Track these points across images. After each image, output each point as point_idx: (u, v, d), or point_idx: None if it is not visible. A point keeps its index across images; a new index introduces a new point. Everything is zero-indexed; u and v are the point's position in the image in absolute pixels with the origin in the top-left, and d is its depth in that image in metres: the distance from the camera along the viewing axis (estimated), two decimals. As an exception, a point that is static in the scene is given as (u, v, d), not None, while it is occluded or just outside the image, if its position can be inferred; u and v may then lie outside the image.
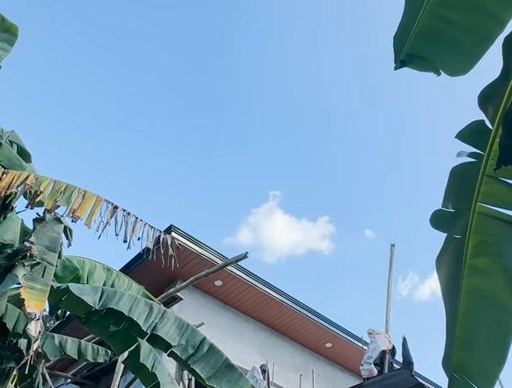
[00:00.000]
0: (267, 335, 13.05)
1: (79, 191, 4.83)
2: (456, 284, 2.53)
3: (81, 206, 4.73)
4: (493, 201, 2.47)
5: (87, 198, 4.82)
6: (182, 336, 4.98)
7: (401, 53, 2.29)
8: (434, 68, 2.30)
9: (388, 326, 9.18)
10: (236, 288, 12.07)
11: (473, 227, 2.48)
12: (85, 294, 4.85)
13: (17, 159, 5.75)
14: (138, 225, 5.06)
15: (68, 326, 10.98)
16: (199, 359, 4.90)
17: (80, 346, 6.37)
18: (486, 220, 2.47)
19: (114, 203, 5.01)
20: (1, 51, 5.49)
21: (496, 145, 2.37)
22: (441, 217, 2.65)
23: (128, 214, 5.05)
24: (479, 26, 2.20)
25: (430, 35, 2.26)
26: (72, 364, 12.59)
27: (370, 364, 8.28)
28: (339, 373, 14.44)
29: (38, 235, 4.86)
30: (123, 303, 4.93)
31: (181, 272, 10.57)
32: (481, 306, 2.48)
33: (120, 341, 5.36)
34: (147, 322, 4.90)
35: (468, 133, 2.49)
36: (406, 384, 7.43)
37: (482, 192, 2.47)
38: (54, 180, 4.84)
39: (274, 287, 12.52)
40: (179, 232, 11.00)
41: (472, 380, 2.45)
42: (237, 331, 12.31)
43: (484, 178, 2.45)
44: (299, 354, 13.59)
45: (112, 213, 4.91)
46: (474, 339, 2.50)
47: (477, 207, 2.48)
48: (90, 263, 6.03)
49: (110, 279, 6.11)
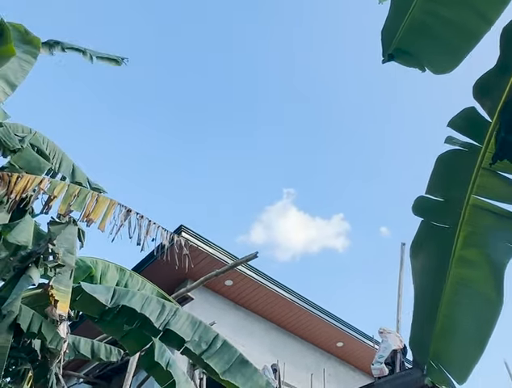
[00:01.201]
0: (278, 334, 13.06)
1: (92, 195, 4.89)
2: (439, 274, 2.53)
3: (94, 210, 4.79)
4: (487, 194, 2.46)
5: (100, 202, 4.88)
6: (195, 332, 5.01)
7: (389, 47, 2.29)
8: (419, 64, 2.31)
9: (399, 325, 9.17)
10: (246, 288, 12.09)
11: (465, 219, 2.48)
12: (97, 293, 4.91)
13: (36, 161, 5.82)
14: (151, 228, 5.10)
15: (80, 326, 11.07)
16: (213, 354, 4.91)
17: (93, 346, 6.43)
18: (479, 212, 2.47)
19: (127, 206, 5.06)
20: (25, 63, 5.57)
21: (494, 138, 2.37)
22: (425, 204, 2.63)
23: (142, 217, 5.10)
24: (467, 23, 2.21)
25: (419, 30, 2.26)
26: (84, 364, 12.69)
27: (381, 363, 8.27)
28: (350, 373, 14.41)
29: (58, 238, 4.93)
30: (135, 301, 4.98)
31: (191, 272, 10.59)
32: (467, 297, 2.49)
33: (134, 341, 5.41)
34: (159, 319, 4.93)
35: (461, 122, 2.48)
36: (417, 383, 7.41)
37: (477, 185, 2.46)
38: (68, 184, 4.90)
39: (285, 286, 12.53)
40: (190, 232, 11.05)
41: (448, 370, 2.47)
42: (248, 330, 12.34)
43: (481, 170, 2.45)
44: (310, 353, 13.59)
45: (125, 216, 4.96)
46: (455, 329, 2.51)
47: (471, 199, 2.48)
48: (103, 263, 6.09)
49: (123, 279, 6.16)
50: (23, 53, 5.63)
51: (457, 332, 2.53)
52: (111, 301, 4.92)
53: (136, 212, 5.09)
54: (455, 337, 2.53)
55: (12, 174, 5.12)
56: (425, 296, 2.61)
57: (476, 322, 2.49)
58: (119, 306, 4.95)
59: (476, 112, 2.39)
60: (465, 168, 2.48)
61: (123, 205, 5.05)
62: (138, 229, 5.00)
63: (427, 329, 2.56)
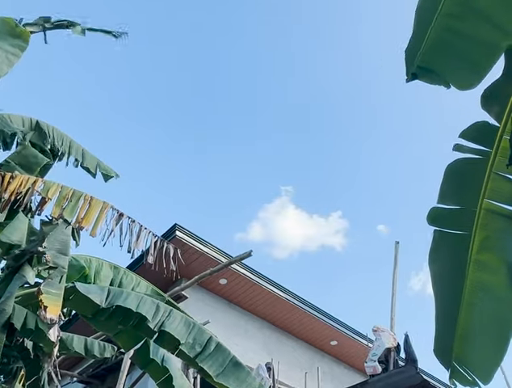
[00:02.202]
0: (272, 332, 13.09)
1: (85, 198, 4.87)
2: (457, 279, 2.55)
3: (87, 214, 4.79)
4: (500, 198, 2.49)
5: (93, 205, 4.87)
6: (190, 334, 5.01)
7: (412, 66, 2.29)
8: (443, 81, 2.30)
9: (392, 323, 9.19)
10: (240, 287, 12.10)
11: (480, 223, 2.51)
12: (91, 293, 4.89)
13: (34, 157, 5.81)
14: (142, 234, 5.12)
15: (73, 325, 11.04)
16: (207, 357, 4.93)
17: (86, 343, 6.42)
18: (493, 216, 2.50)
19: (119, 210, 5.06)
20: (11, 56, 5.55)
21: (504, 143, 2.39)
22: (438, 214, 2.66)
23: (133, 222, 5.11)
24: (487, 37, 2.19)
25: (440, 48, 2.26)
26: (78, 363, 12.65)
27: (374, 361, 8.29)
28: (344, 371, 14.46)
29: (50, 239, 4.91)
30: (130, 302, 4.97)
31: (186, 270, 10.60)
32: (485, 300, 2.52)
33: (128, 338, 5.40)
34: (154, 320, 4.93)
35: (473, 132, 2.50)
36: (411, 381, 7.45)
37: (490, 189, 2.49)
38: (61, 186, 4.88)
39: (279, 285, 12.55)
40: (184, 231, 11.04)
41: (472, 371, 2.50)
42: (242, 329, 12.35)
43: (492, 175, 2.47)
44: (304, 352, 13.62)
45: (117, 221, 4.96)
46: (476, 331, 2.55)
47: (484, 203, 2.50)
48: (97, 261, 6.07)
49: (117, 277, 6.15)
50: (11, 46, 5.62)
51: (478, 334, 2.56)
52: (105, 301, 4.91)
53: (128, 217, 5.10)
54: (477, 339, 2.57)
55: (5, 173, 5.10)
56: (445, 302, 2.64)
57: (497, 324, 2.52)
58: (113, 306, 4.94)
59: (487, 123, 2.42)
60: (476, 174, 2.51)
61: (116, 209, 5.05)
62: (129, 235, 5.01)
63: (449, 333, 2.59)
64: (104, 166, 7.02)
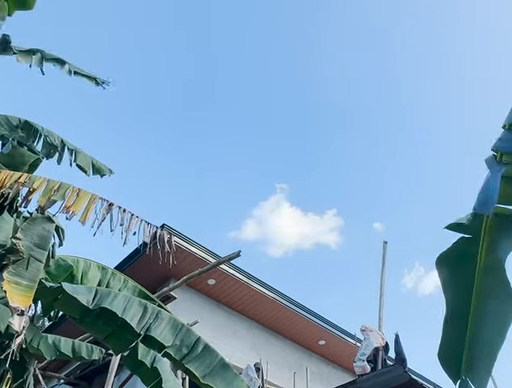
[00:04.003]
0: (261, 333, 13.08)
1: (73, 190, 4.80)
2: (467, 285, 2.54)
3: (75, 203, 4.70)
4: (506, 200, 2.48)
5: (81, 196, 4.79)
6: (177, 336, 4.97)
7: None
8: None
9: (381, 322, 9.23)
10: (229, 287, 12.08)
11: (488, 226, 2.50)
12: (79, 294, 4.84)
13: (20, 156, 5.73)
14: (134, 222, 5.03)
15: (60, 327, 10.93)
16: (194, 358, 4.90)
17: (74, 345, 6.35)
18: (500, 219, 2.49)
19: (109, 200, 4.98)
20: None
21: None
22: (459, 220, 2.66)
23: (124, 211, 5.02)
24: None
25: None
26: (65, 365, 12.53)
27: (363, 361, 8.32)
28: (333, 371, 14.50)
29: (26, 232, 4.81)
30: (117, 304, 4.91)
31: (174, 270, 10.55)
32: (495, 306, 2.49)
33: (117, 340, 5.34)
34: (140, 324, 4.88)
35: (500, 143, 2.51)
36: (399, 380, 7.48)
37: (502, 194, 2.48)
38: (48, 179, 4.81)
39: (268, 285, 12.55)
40: (172, 231, 10.97)
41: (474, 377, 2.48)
42: (231, 329, 12.33)
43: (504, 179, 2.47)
44: (292, 352, 13.63)
45: (107, 210, 4.88)
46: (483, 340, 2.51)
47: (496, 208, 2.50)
48: (85, 262, 6.00)
49: (105, 277, 6.08)
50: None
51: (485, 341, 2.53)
52: (92, 302, 4.86)
53: (118, 206, 5.00)
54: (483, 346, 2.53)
55: (-12, 170, 5.01)
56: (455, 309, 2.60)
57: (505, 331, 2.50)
58: (100, 308, 4.88)
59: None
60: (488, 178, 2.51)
61: (105, 199, 4.97)
62: (120, 222, 4.90)
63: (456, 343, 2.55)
64: (98, 164, 6.98)
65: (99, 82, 7.24)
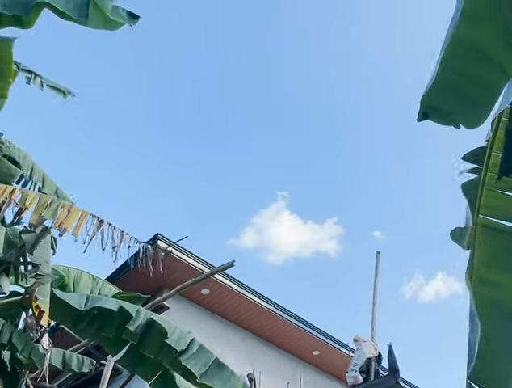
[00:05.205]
0: (254, 343, 13.04)
1: (64, 206, 4.85)
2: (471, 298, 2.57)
3: (67, 219, 4.75)
4: (494, 213, 2.52)
5: (73, 212, 4.85)
6: (171, 336, 4.99)
7: (423, 105, 2.32)
8: (452, 121, 2.34)
9: (373, 333, 9.24)
10: (223, 297, 12.06)
11: (477, 239, 2.53)
12: (70, 299, 4.85)
13: (7, 168, 5.75)
14: (124, 239, 5.09)
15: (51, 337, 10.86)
16: (190, 357, 4.91)
17: (64, 356, 6.33)
18: (489, 232, 2.51)
19: (99, 217, 5.04)
20: None
21: (494, 159, 2.44)
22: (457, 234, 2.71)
23: (114, 228, 5.08)
24: (488, 77, 2.24)
25: (447, 89, 2.30)
26: (57, 375, 12.44)
27: (356, 371, 8.31)
28: (327, 381, 14.44)
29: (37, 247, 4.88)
30: (110, 305, 4.93)
31: (167, 280, 10.54)
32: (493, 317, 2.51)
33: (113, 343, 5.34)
34: (136, 321, 4.88)
35: (473, 154, 2.56)
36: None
37: (483, 205, 2.52)
38: (39, 195, 4.86)
39: (262, 295, 12.53)
40: (166, 241, 10.97)
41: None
42: (224, 339, 12.28)
43: (484, 191, 2.51)
44: (286, 362, 13.58)
45: (98, 227, 4.94)
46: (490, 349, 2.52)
47: (479, 219, 2.54)
48: (76, 272, 6.02)
49: (96, 288, 6.10)
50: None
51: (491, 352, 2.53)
52: (84, 305, 4.86)
53: (108, 223, 5.07)
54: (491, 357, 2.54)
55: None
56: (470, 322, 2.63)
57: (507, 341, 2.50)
58: (94, 309, 4.88)
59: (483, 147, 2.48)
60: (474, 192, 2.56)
61: (96, 216, 5.03)
62: (111, 239, 4.98)
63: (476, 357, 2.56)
64: (62, 193, 6.96)
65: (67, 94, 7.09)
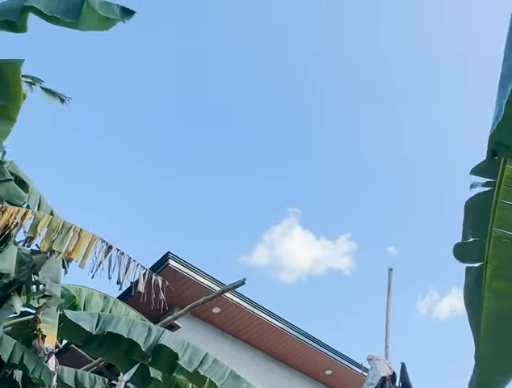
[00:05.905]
0: (266, 362, 12.90)
1: (75, 230, 4.89)
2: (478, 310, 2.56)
3: (76, 247, 4.82)
4: (508, 226, 2.51)
5: (83, 237, 4.91)
6: (185, 352, 5.05)
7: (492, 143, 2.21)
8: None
9: (387, 351, 9.08)
10: (234, 315, 11.98)
11: (491, 252, 2.53)
12: (82, 320, 4.87)
13: (14, 189, 5.80)
14: (131, 266, 5.18)
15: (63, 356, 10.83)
16: (206, 370, 4.98)
17: (77, 375, 6.30)
18: (503, 244, 2.52)
19: (108, 242, 5.13)
20: None
21: (508, 171, 2.43)
22: (462, 249, 2.70)
23: (122, 254, 5.16)
24: None
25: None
26: (68, 396, 12.40)
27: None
28: (340, 401, 14.23)
29: (44, 268, 4.92)
30: (120, 327, 4.96)
31: (178, 299, 10.51)
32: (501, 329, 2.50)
33: (124, 361, 5.37)
34: (147, 342, 4.94)
35: (482, 167, 2.55)
36: (407, 411, 7.32)
37: (497, 217, 2.52)
38: (51, 218, 4.90)
39: (273, 313, 12.43)
40: (177, 259, 10.97)
41: None
42: (236, 358, 12.16)
43: (499, 203, 2.50)
44: (298, 382, 13.40)
45: (106, 253, 5.02)
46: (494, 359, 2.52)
47: (493, 232, 2.54)
48: (87, 291, 6.02)
49: (107, 306, 6.10)
50: None
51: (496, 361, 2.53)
52: (95, 328, 4.89)
53: (117, 249, 5.16)
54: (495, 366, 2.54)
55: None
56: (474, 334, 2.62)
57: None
58: (104, 333, 4.91)
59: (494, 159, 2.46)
60: (487, 205, 2.55)
61: (105, 241, 5.11)
62: (118, 267, 5.06)
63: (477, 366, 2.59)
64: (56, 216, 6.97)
65: (62, 98, 7.12)
